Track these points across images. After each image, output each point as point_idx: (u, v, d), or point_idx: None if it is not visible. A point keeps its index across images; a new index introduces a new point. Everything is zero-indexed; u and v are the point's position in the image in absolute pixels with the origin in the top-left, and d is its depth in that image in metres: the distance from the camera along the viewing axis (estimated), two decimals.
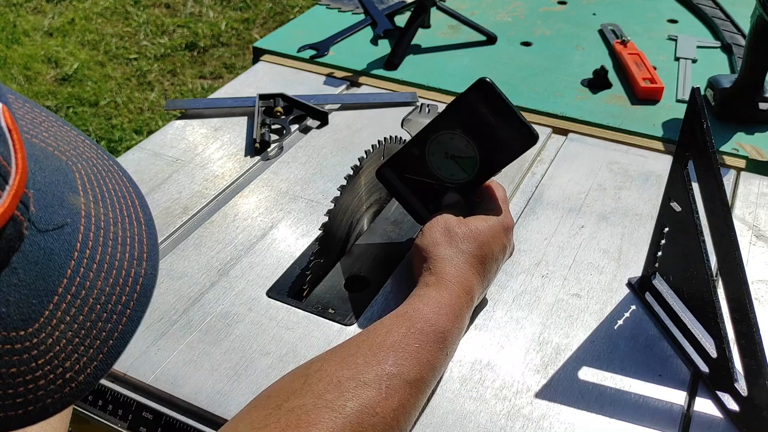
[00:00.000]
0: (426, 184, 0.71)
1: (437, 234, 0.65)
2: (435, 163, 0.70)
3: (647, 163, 0.92)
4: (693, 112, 0.59)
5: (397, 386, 0.52)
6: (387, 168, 0.73)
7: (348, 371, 0.52)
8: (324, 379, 0.51)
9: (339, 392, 0.50)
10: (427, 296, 0.60)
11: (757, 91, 0.97)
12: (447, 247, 0.63)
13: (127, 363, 0.63)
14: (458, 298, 0.60)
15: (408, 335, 0.55)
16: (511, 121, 0.66)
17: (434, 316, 0.58)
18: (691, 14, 1.32)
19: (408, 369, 0.53)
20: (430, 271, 0.62)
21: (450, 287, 0.61)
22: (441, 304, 0.59)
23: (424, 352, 0.55)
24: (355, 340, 0.56)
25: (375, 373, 0.52)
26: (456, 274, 0.62)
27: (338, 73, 1.13)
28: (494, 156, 0.68)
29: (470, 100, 0.67)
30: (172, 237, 0.79)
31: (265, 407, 0.49)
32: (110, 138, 2.36)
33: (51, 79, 2.70)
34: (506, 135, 0.67)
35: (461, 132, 0.68)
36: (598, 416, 0.59)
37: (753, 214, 0.83)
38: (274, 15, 3.15)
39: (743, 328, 0.56)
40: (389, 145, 0.80)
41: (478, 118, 0.67)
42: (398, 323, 0.57)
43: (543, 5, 1.36)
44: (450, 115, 0.68)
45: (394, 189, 0.73)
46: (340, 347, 0.55)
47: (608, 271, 0.74)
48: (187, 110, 1.03)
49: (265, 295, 0.71)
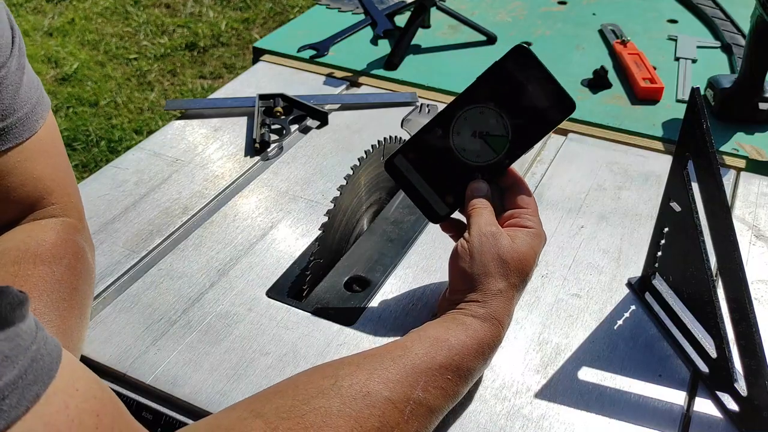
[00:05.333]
0: (446, 170, 0.65)
1: (489, 262, 0.60)
2: (460, 143, 0.65)
3: (647, 163, 0.92)
4: (693, 112, 0.59)
5: (421, 413, 0.52)
6: (400, 155, 0.66)
7: (378, 384, 0.51)
8: (354, 386, 0.50)
9: (365, 404, 0.50)
10: (471, 329, 0.58)
11: (757, 91, 0.97)
12: (499, 280, 0.60)
13: (126, 363, 0.63)
14: (498, 336, 0.59)
15: (444, 366, 0.54)
16: (549, 90, 0.63)
17: (473, 354, 0.57)
18: (691, 14, 1.32)
19: (433, 398, 0.53)
20: (479, 303, 0.59)
21: (495, 324, 0.59)
22: (482, 343, 0.57)
23: (453, 385, 0.55)
24: (389, 354, 0.54)
25: (404, 394, 0.51)
26: (503, 310, 0.59)
27: (338, 73, 1.13)
28: (527, 130, 0.64)
29: (507, 67, 0.63)
30: (172, 237, 0.79)
31: (293, 397, 0.49)
32: (110, 138, 2.37)
33: (51, 79, 2.70)
34: (543, 105, 0.63)
35: (494, 105, 0.64)
36: (598, 416, 0.59)
37: (753, 214, 0.83)
38: (274, 15, 3.16)
39: (743, 328, 0.56)
40: (389, 145, 0.80)
41: (514, 88, 0.63)
42: (437, 350, 0.55)
43: (543, 5, 1.36)
44: (481, 87, 0.64)
45: (406, 182, 0.66)
46: (372, 356, 0.54)
47: (608, 271, 0.74)
48: (187, 110, 1.03)
49: (265, 295, 0.71)
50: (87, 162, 2.26)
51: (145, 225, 0.80)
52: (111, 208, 0.83)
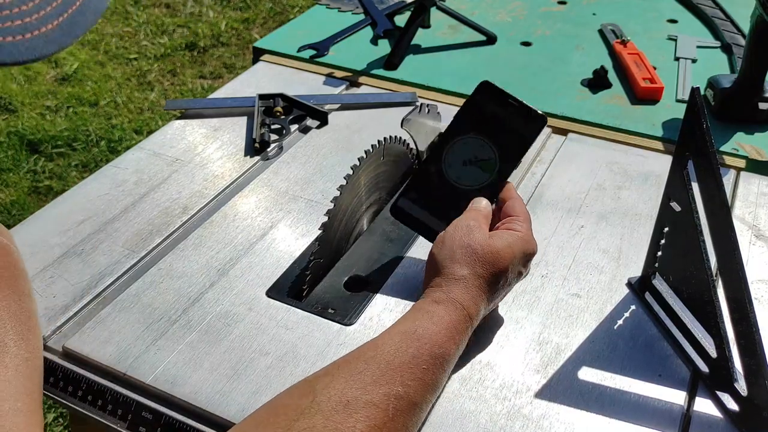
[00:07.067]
0: (448, 199, 0.71)
1: (457, 248, 0.62)
2: (454, 173, 0.71)
3: (647, 163, 0.92)
4: (693, 112, 0.59)
5: (404, 408, 0.52)
6: (403, 198, 0.72)
7: (356, 391, 0.51)
8: (333, 398, 0.50)
9: (348, 413, 0.49)
10: (436, 315, 0.58)
11: (757, 91, 0.97)
12: (464, 267, 0.61)
13: (126, 363, 0.63)
14: (465, 321, 0.59)
15: (417, 356, 0.55)
16: (519, 110, 0.71)
17: (442, 340, 0.57)
18: (691, 14, 1.32)
19: (414, 390, 0.53)
20: (442, 288, 0.61)
21: (460, 311, 0.59)
22: (449, 327, 0.58)
23: (430, 374, 0.55)
24: (363, 355, 0.55)
25: (383, 394, 0.52)
26: (467, 297, 0.60)
27: (338, 73, 1.13)
28: (510, 149, 0.71)
29: (477, 100, 0.72)
30: (171, 237, 0.79)
31: (275, 426, 0.49)
32: (110, 138, 2.37)
33: (51, 79, 2.70)
34: (517, 124, 0.71)
35: (474, 134, 0.71)
36: (598, 416, 0.59)
37: (753, 214, 0.83)
38: (274, 15, 3.16)
39: (743, 328, 0.56)
40: (389, 145, 0.80)
41: (488, 115, 0.71)
42: (407, 342, 0.56)
43: (543, 5, 1.36)
44: (460, 122, 0.72)
45: (413, 219, 0.72)
46: (346, 363, 0.55)
47: (608, 271, 0.74)
48: (187, 110, 1.03)
49: (265, 295, 0.71)
50: (87, 162, 2.26)
51: (145, 225, 0.80)
52: (111, 208, 0.83)
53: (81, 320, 0.69)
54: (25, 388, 0.55)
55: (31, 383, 0.56)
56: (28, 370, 0.56)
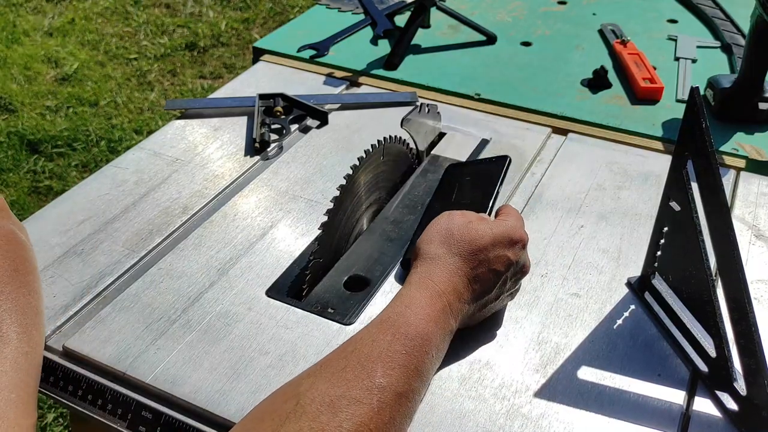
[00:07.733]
0: None
1: (435, 231, 0.64)
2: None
3: (647, 163, 0.92)
4: (692, 111, 0.59)
5: (389, 399, 0.51)
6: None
7: (339, 389, 0.50)
8: (316, 400, 0.50)
9: (333, 413, 0.49)
10: (408, 297, 0.58)
11: (757, 91, 0.97)
12: (439, 247, 0.62)
13: (126, 362, 0.63)
14: (439, 299, 0.59)
15: (393, 342, 0.54)
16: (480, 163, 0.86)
17: (416, 320, 0.56)
18: (691, 14, 1.32)
19: (396, 379, 0.53)
20: (416, 270, 0.61)
21: (432, 288, 0.59)
22: (422, 306, 0.58)
23: (411, 359, 0.54)
24: (343, 352, 0.55)
25: (366, 388, 0.51)
26: (440, 275, 0.60)
27: (338, 73, 1.13)
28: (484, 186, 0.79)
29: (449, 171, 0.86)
30: (171, 236, 0.79)
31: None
32: (110, 138, 2.37)
33: (51, 79, 2.70)
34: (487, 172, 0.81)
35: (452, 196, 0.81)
36: (597, 416, 0.60)
37: (753, 214, 0.83)
38: (274, 15, 3.16)
39: (742, 328, 0.56)
40: (389, 145, 0.81)
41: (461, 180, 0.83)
42: (382, 331, 0.55)
43: (543, 5, 1.36)
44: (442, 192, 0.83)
45: None
46: (328, 362, 0.54)
47: (607, 270, 0.74)
48: (187, 110, 1.03)
49: (265, 295, 0.71)
50: (87, 162, 2.27)
51: (145, 224, 0.80)
52: (111, 208, 0.83)
53: (81, 320, 0.69)
54: (21, 381, 0.55)
55: (27, 377, 0.56)
56: (27, 365, 0.57)
